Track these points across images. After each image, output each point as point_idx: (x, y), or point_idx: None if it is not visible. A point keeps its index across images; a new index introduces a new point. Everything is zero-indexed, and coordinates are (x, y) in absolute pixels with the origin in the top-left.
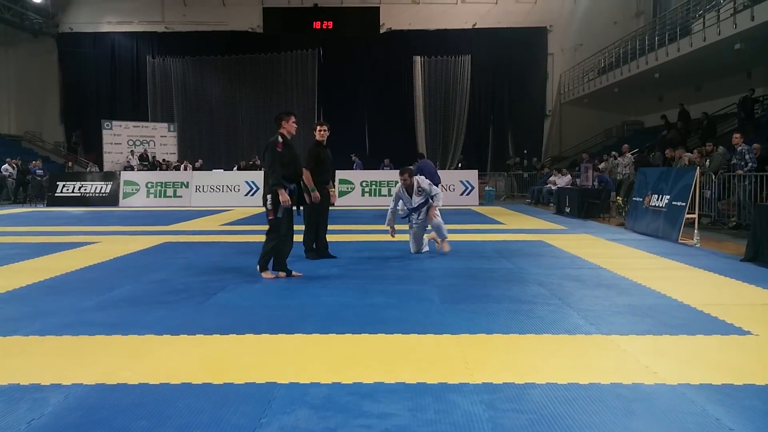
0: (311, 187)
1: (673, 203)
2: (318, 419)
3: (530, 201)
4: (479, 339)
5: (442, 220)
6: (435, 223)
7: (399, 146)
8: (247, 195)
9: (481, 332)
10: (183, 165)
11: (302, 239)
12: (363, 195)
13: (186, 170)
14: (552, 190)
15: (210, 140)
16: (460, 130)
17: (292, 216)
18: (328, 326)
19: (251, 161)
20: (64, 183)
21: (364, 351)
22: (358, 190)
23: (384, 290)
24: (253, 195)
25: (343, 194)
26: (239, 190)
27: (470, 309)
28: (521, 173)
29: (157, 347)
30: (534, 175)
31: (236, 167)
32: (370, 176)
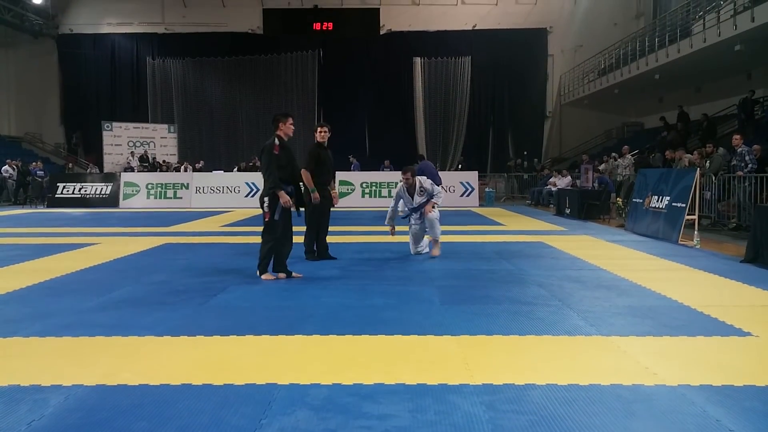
0: (311, 188)
1: (673, 204)
2: (318, 420)
3: (530, 202)
4: (479, 340)
5: (438, 218)
6: (430, 219)
7: (399, 147)
8: (248, 196)
9: (482, 333)
10: (183, 166)
11: (303, 240)
12: (363, 196)
13: (186, 171)
14: (552, 192)
15: (210, 141)
16: (460, 132)
17: (291, 217)
18: (329, 327)
19: (251, 162)
20: (65, 184)
21: (365, 352)
22: (359, 192)
23: (384, 291)
24: (254, 196)
25: (344, 195)
26: (239, 192)
27: (470, 310)
28: (521, 174)
29: (158, 348)
30: (534, 177)
31: (236, 168)
32: (371, 177)
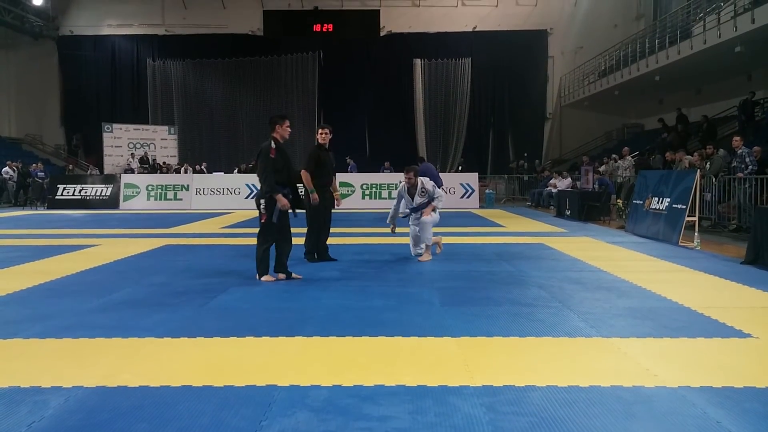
0: (310, 189)
1: (674, 206)
2: (318, 422)
3: (530, 204)
4: (479, 342)
5: (434, 222)
6: (423, 221)
7: (399, 149)
8: (248, 198)
9: (482, 335)
10: (183, 168)
11: (303, 241)
12: (363, 198)
13: (186, 173)
14: (552, 193)
15: (210, 143)
16: (461, 133)
17: (288, 217)
18: (329, 329)
19: (251, 164)
20: (65, 186)
21: (365, 353)
22: (359, 193)
23: (384, 293)
24: (254, 197)
25: (344, 197)
26: (239, 193)
27: (470, 312)
28: (522, 176)
29: (158, 350)
30: (534, 178)
31: (236, 170)
32: (371, 179)
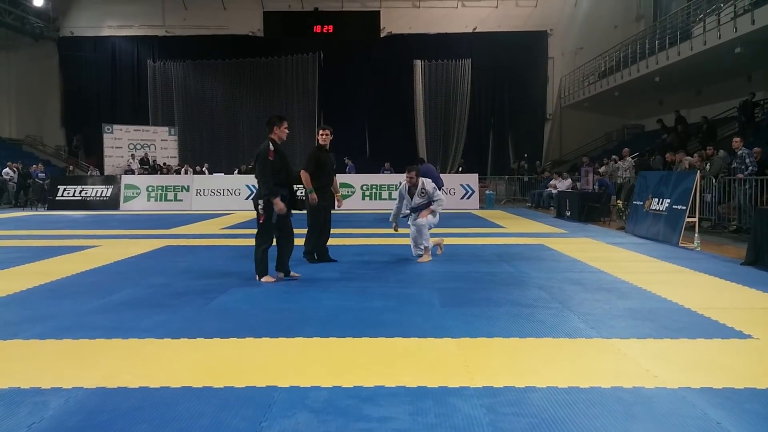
0: (309, 189)
1: (674, 207)
2: (318, 423)
3: (531, 205)
4: (480, 342)
5: (430, 225)
6: (417, 224)
7: (399, 150)
8: (248, 198)
9: (482, 336)
10: (183, 169)
11: (303, 242)
12: (363, 199)
13: (186, 174)
14: (552, 194)
15: (211, 144)
16: (461, 134)
17: (289, 216)
18: (329, 330)
19: (251, 165)
20: (65, 186)
21: (365, 354)
22: (359, 194)
23: (384, 294)
24: (252, 198)
25: (344, 198)
26: (240, 194)
27: (471, 312)
28: (522, 177)
29: (158, 351)
30: (534, 179)
31: (237, 171)
32: (371, 180)
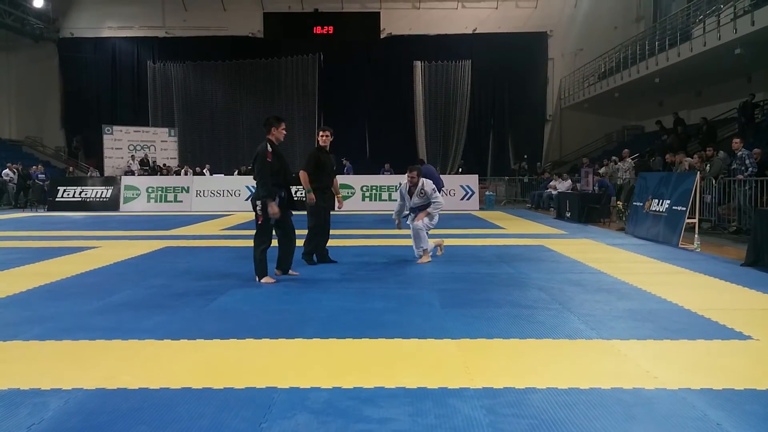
0: (307, 189)
1: (674, 208)
2: (318, 424)
3: (531, 206)
4: (480, 344)
5: (429, 227)
6: (414, 227)
7: (399, 151)
8: (248, 200)
9: (482, 337)
10: (183, 170)
11: (303, 243)
12: (363, 200)
13: (186, 175)
14: (552, 195)
15: (210, 145)
16: (461, 135)
17: (290, 217)
18: (329, 331)
19: (250, 166)
20: (65, 188)
21: (365, 355)
22: (359, 195)
23: (384, 295)
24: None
25: (344, 199)
26: (240, 195)
27: (471, 313)
28: (522, 178)
29: (158, 352)
30: (534, 180)
31: (237, 172)
32: (371, 181)
